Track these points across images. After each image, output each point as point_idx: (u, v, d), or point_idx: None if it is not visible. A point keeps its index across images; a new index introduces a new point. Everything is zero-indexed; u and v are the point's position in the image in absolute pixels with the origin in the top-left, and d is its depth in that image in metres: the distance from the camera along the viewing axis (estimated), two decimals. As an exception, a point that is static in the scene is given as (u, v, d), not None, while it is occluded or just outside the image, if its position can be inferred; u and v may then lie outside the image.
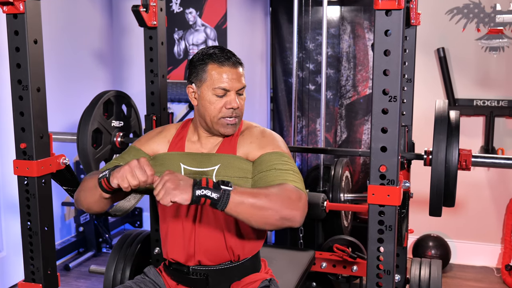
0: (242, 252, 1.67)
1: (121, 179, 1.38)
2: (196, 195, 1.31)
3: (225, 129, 1.62)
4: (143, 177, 1.36)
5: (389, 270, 1.47)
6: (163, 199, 1.31)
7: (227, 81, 1.58)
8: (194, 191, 1.31)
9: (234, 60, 1.60)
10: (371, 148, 1.43)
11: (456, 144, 1.74)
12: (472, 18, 3.29)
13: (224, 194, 1.33)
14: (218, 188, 1.33)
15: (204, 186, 1.32)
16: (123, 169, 1.38)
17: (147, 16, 2.20)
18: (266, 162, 1.56)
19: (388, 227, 1.45)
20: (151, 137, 1.75)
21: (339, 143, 3.59)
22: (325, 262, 2.53)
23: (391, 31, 1.37)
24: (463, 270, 3.40)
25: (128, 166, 1.38)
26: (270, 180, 1.50)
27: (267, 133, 1.67)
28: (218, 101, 1.59)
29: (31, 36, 1.72)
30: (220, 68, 1.59)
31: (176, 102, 3.90)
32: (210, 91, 1.59)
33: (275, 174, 1.52)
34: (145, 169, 1.37)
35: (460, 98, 3.37)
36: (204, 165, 1.64)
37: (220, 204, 1.33)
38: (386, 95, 1.39)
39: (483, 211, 3.44)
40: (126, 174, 1.37)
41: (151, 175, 1.38)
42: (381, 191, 1.43)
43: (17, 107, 1.76)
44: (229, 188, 1.34)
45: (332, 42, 3.49)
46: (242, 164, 1.61)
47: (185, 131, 1.74)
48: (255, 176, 1.57)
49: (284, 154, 1.59)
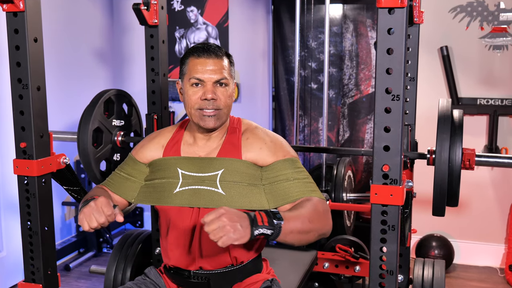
0: (245, 257, 1.65)
1: (81, 222, 1.40)
2: (254, 235, 1.31)
3: (203, 122, 1.59)
4: (101, 219, 1.37)
5: (392, 270, 1.47)
6: (221, 242, 1.28)
7: (201, 71, 1.57)
8: (253, 232, 1.31)
9: (213, 52, 1.59)
10: (374, 147, 1.43)
11: (460, 143, 1.72)
12: (476, 16, 3.28)
13: (277, 228, 1.34)
14: (272, 224, 1.34)
15: (260, 225, 1.32)
16: (83, 213, 1.39)
17: (148, 14, 2.19)
18: (282, 170, 1.58)
19: (391, 227, 1.45)
20: (144, 144, 1.75)
21: (342, 142, 3.58)
22: (328, 262, 2.52)
23: (394, 30, 1.36)
24: (467, 270, 3.39)
25: (87, 209, 1.39)
26: (292, 192, 1.54)
27: (274, 138, 1.66)
28: (195, 92, 1.59)
29: (31, 34, 1.71)
30: (196, 59, 1.59)
31: (178, 101, 3.88)
32: (188, 83, 1.60)
33: (296, 185, 1.55)
34: (103, 210, 1.38)
35: (463, 97, 3.35)
36: (205, 170, 1.61)
37: (273, 237, 1.35)
38: (389, 94, 1.38)
39: (486, 211, 3.42)
40: (85, 218, 1.39)
41: (109, 215, 1.38)
42: (384, 190, 1.43)
43: (17, 106, 1.75)
44: (281, 221, 1.36)
45: (334, 41, 3.48)
46: (249, 169, 1.59)
47: (181, 134, 1.72)
48: (270, 185, 1.57)
49: (295, 160, 1.61)
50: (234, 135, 1.65)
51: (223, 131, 1.67)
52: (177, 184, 1.62)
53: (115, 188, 1.70)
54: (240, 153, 1.61)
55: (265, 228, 1.32)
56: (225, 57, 1.62)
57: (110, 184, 1.72)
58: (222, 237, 1.27)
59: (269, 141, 1.63)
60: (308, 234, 1.43)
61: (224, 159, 1.61)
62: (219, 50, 1.61)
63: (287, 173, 1.57)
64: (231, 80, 1.62)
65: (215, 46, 1.62)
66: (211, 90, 1.57)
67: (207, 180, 1.60)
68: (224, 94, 1.59)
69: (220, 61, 1.59)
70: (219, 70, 1.58)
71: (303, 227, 1.41)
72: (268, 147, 1.61)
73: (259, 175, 1.59)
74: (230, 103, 1.62)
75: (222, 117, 1.61)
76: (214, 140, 1.66)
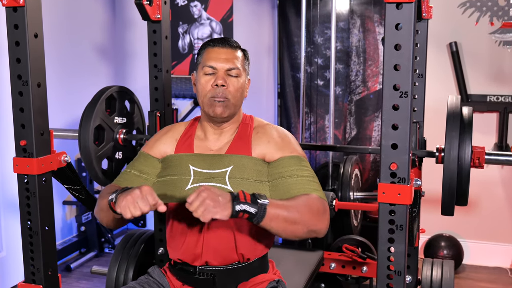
0: (252, 254, 1.65)
1: (124, 209, 1.38)
2: (236, 210, 1.35)
3: (213, 108, 1.63)
4: (145, 208, 1.37)
5: (400, 271, 1.46)
6: (203, 217, 1.32)
7: (215, 59, 1.63)
8: (234, 207, 1.35)
9: (227, 42, 1.66)
10: (382, 145, 1.42)
11: (469, 141, 1.72)
12: (486, 11, 3.26)
13: (261, 208, 1.38)
14: (255, 202, 1.38)
15: (242, 201, 1.36)
16: (126, 200, 1.38)
17: (150, 9, 2.17)
18: (286, 166, 1.60)
19: (399, 226, 1.44)
20: (157, 138, 1.76)
21: (349, 140, 3.57)
22: (334, 262, 2.51)
23: (402, 25, 1.35)
24: (476, 271, 3.38)
25: (130, 196, 1.38)
26: (293, 188, 1.56)
27: (283, 134, 1.70)
28: (207, 80, 1.63)
29: (31, 30, 1.69)
30: (211, 48, 1.66)
31: (181, 98, 3.87)
32: (201, 71, 1.65)
33: (298, 182, 1.57)
34: (147, 199, 1.37)
35: (473, 94, 3.34)
36: (215, 166, 1.63)
37: (257, 218, 1.38)
38: (397, 90, 1.37)
39: (496, 210, 3.41)
40: (128, 205, 1.37)
41: (154, 204, 1.38)
42: (392, 189, 1.41)
43: (17, 103, 1.73)
44: (266, 201, 1.39)
45: (341, 36, 3.47)
46: (257, 166, 1.62)
47: (194, 129, 1.75)
48: (274, 181, 1.60)
49: (302, 158, 1.64)
50: (245, 131, 1.69)
51: (235, 127, 1.71)
52: (188, 180, 1.64)
53: (127, 185, 1.69)
54: (250, 149, 1.65)
55: (247, 205, 1.36)
56: (240, 50, 1.68)
57: (121, 183, 1.71)
58: (203, 212, 1.32)
59: (277, 136, 1.67)
60: (295, 225, 1.45)
61: (233, 156, 1.64)
62: (234, 42, 1.68)
63: (292, 170, 1.59)
64: (243, 73, 1.67)
65: (232, 39, 1.70)
66: (222, 77, 1.62)
67: (217, 176, 1.61)
68: (235, 84, 1.63)
69: (233, 52, 1.65)
70: (231, 59, 1.63)
71: (289, 215, 1.43)
72: (276, 142, 1.65)
73: (266, 171, 1.62)
74: (240, 96, 1.66)
75: (231, 107, 1.64)
76: (225, 135, 1.69)
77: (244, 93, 1.68)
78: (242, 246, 1.62)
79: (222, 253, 1.61)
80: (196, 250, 1.62)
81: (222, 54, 1.63)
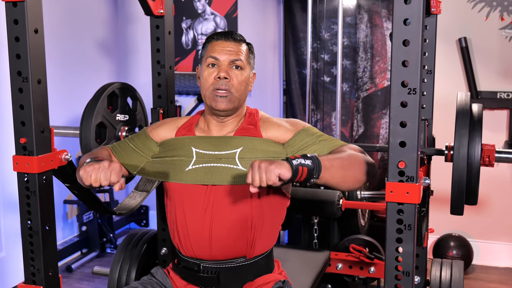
0: (257, 247, 1.64)
1: (86, 174, 1.42)
2: (294, 164, 1.32)
3: (215, 103, 1.62)
4: (104, 182, 1.41)
5: (408, 272, 1.44)
6: (269, 178, 1.29)
7: (218, 51, 1.63)
8: (291, 163, 1.32)
9: (231, 35, 1.66)
10: (389, 143, 1.40)
11: (479, 139, 1.72)
12: (496, 6, 3.24)
13: (315, 160, 1.36)
14: (306, 157, 1.36)
15: (294, 158, 1.34)
16: (93, 167, 1.42)
17: (153, 4, 2.17)
18: (304, 138, 1.62)
19: (407, 226, 1.42)
20: (161, 124, 1.81)
21: (356, 138, 3.56)
22: (341, 263, 2.50)
23: (410, 20, 1.33)
24: (486, 271, 3.37)
25: (98, 165, 1.42)
26: (325, 150, 1.58)
27: (289, 119, 1.73)
28: (210, 72, 1.63)
29: (32, 25, 1.68)
30: (215, 41, 1.66)
31: (184, 94, 3.86)
32: (205, 64, 1.65)
33: (325, 145, 1.59)
34: (110, 175, 1.41)
35: (483, 91, 3.32)
36: (222, 148, 1.62)
37: (316, 171, 1.36)
38: (405, 87, 1.36)
39: (507, 209, 3.39)
40: (91, 173, 1.42)
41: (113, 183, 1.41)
42: (400, 188, 1.40)
43: (17, 100, 1.72)
44: (315, 154, 1.39)
45: (348, 32, 3.44)
46: (270, 146, 1.62)
47: (196, 119, 1.76)
48: (300, 151, 1.60)
49: (313, 127, 1.67)
50: (252, 119, 1.70)
51: (239, 118, 1.70)
52: (189, 162, 1.64)
53: (120, 156, 1.74)
54: (259, 132, 1.65)
55: (302, 159, 1.34)
56: (244, 43, 1.69)
57: (116, 151, 1.76)
58: (267, 175, 1.29)
59: (285, 121, 1.70)
60: (351, 169, 1.46)
61: (242, 137, 1.64)
62: (239, 36, 1.68)
63: (311, 139, 1.61)
64: (247, 66, 1.67)
65: (236, 32, 1.70)
66: (225, 70, 1.62)
67: (224, 158, 1.61)
68: (238, 77, 1.63)
69: (238, 45, 1.66)
70: (235, 52, 1.64)
71: (342, 162, 1.45)
72: (285, 125, 1.67)
73: (282, 152, 1.62)
74: (244, 89, 1.65)
75: (234, 101, 1.63)
76: (229, 126, 1.69)
77: (248, 87, 1.68)
78: (247, 237, 1.61)
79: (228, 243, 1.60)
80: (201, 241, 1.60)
81: (226, 46, 1.63)
